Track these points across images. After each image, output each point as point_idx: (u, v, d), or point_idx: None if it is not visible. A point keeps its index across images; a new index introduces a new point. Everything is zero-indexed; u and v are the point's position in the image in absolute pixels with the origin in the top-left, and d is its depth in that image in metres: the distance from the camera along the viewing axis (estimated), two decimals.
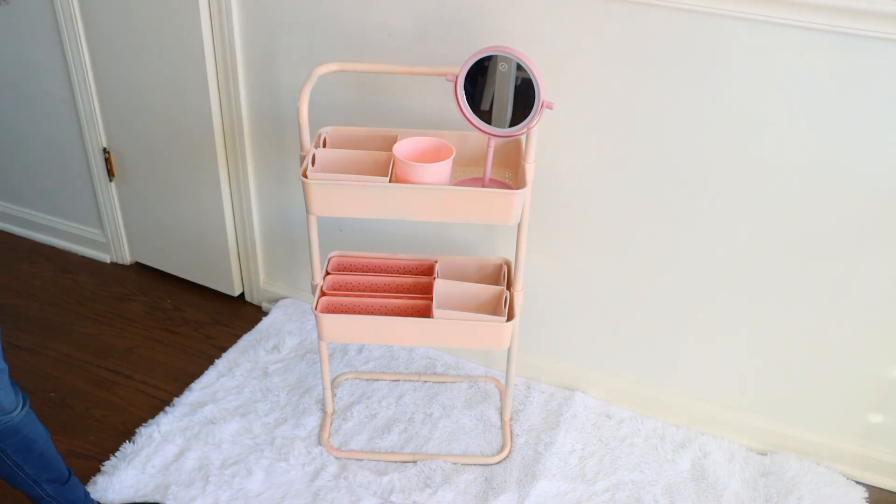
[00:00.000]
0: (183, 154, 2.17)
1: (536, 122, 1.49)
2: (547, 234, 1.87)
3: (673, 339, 1.89)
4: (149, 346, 2.21)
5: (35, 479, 1.48)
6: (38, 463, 1.47)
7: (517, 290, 1.74)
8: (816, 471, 1.85)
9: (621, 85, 1.62)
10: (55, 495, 1.52)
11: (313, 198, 1.56)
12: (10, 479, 1.47)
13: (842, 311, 1.71)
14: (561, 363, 2.04)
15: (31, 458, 1.45)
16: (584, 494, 1.78)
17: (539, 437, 1.91)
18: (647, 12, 1.53)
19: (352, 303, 1.76)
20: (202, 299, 2.40)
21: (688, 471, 1.85)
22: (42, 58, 2.23)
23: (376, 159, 1.62)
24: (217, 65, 1.99)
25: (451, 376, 2.08)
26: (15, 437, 1.40)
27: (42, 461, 1.47)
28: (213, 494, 1.75)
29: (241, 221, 2.24)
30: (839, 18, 1.40)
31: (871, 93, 1.46)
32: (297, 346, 2.17)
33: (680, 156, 1.66)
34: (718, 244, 1.73)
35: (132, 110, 2.19)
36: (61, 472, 1.54)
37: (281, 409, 1.97)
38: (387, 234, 2.05)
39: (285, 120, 2.01)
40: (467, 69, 1.49)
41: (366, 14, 1.76)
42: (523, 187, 1.56)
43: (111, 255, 2.55)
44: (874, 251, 1.62)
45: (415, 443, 1.90)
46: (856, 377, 1.77)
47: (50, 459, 1.49)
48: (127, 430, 1.93)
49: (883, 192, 1.55)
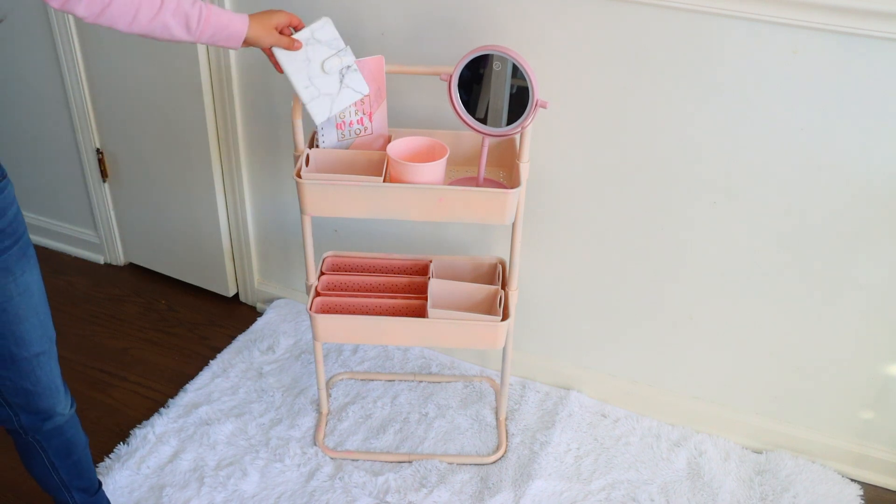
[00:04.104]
0: (177, 154, 2.17)
1: (531, 121, 1.49)
2: (541, 233, 1.87)
3: (668, 338, 1.89)
4: (143, 347, 2.21)
5: (67, 485, 1.47)
6: (74, 469, 1.46)
7: (512, 290, 1.74)
8: (811, 469, 1.85)
9: (615, 84, 1.62)
10: None
11: (307, 198, 1.56)
12: (44, 481, 1.46)
13: (836, 309, 1.71)
14: (556, 362, 2.04)
15: (69, 463, 1.45)
16: (579, 494, 1.78)
17: (534, 437, 1.91)
18: (640, 11, 1.53)
19: (346, 303, 1.76)
20: (196, 300, 2.39)
21: (683, 469, 1.85)
22: (35, 58, 2.22)
23: (370, 159, 1.62)
24: (210, 64, 1.99)
25: (446, 376, 2.08)
26: (59, 439, 1.40)
27: (78, 468, 1.47)
28: (207, 496, 1.74)
29: (236, 222, 2.23)
30: (833, 17, 1.40)
31: (866, 92, 1.46)
32: (291, 346, 2.17)
33: (674, 155, 1.66)
34: (713, 243, 1.73)
35: (125, 110, 2.18)
36: (92, 482, 1.54)
37: (276, 409, 1.96)
38: (381, 234, 2.05)
39: (279, 120, 2.01)
40: (461, 68, 1.49)
41: (359, 13, 1.76)
42: (518, 187, 1.56)
43: (105, 256, 2.54)
44: (868, 249, 1.62)
45: (410, 443, 1.89)
46: (850, 375, 1.77)
47: (85, 467, 1.49)
48: (121, 431, 1.92)
49: (876, 191, 1.55)
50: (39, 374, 1.30)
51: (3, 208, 1.18)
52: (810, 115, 1.52)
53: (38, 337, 1.28)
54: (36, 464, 1.43)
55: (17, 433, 1.37)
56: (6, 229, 1.18)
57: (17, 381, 1.29)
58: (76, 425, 1.44)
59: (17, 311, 1.23)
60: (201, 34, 1.29)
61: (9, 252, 1.19)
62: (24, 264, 1.22)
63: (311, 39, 1.44)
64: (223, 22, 1.30)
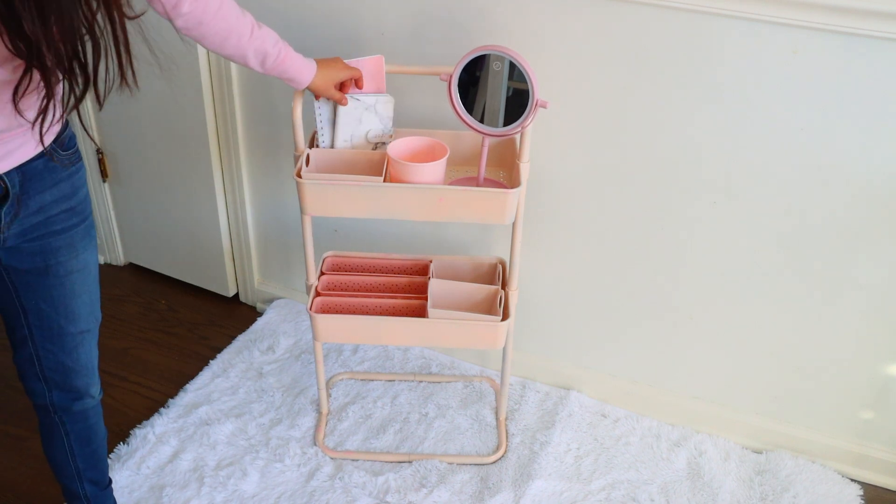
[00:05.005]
0: (177, 154, 2.17)
1: (530, 121, 1.49)
2: (542, 233, 1.87)
3: (668, 338, 1.89)
4: (143, 348, 2.21)
5: (81, 475, 1.50)
6: (91, 459, 1.50)
7: (512, 290, 1.74)
8: (811, 469, 1.85)
9: (615, 84, 1.62)
10: (91, 498, 1.54)
11: (307, 198, 1.56)
12: (60, 467, 1.49)
13: (836, 309, 1.71)
14: (556, 362, 2.04)
15: (87, 451, 1.48)
16: (579, 494, 1.78)
17: (534, 437, 1.91)
18: (640, 11, 1.53)
19: (346, 303, 1.76)
20: (196, 300, 2.39)
21: (683, 469, 1.85)
22: None
23: (370, 159, 1.62)
24: (210, 64, 1.99)
25: (446, 376, 2.08)
26: (83, 424, 1.44)
27: (94, 458, 1.50)
28: (207, 496, 1.74)
29: (236, 222, 2.23)
30: (833, 17, 1.40)
31: (866, 92, 1.46)
32: (291, 346, 2.17)
33: (674, 155, 1.66)
34: (713, 243, 1.73)
35: (125, 111, 2.18)
36: (104, 476, 1.57)
37: (276, 409, 1.96)
38: (381, 234, 2.05)
39: (279, 120, 2.01)
40: (461, 68, 1.49)
41: (359, 13, 1.76)
42: (518, 186, 1.56)
43: (105, 256, 2.54)
44: (868, 249, 1.62)
45: (410, 443, 1.89)
46: (850, 375, 1.77)
47: (101, 459, 1.53)
48: (121, 431, 1.92)
49: (876, 191, 1.55)
50: (80, 353, 1.35)
51: (76, 188, 1.23)
52: (810, 115, 1.52)
53: (86, 314, 1.32)
54: (57, 447, 1.46)
55: (45, 410, 1.40)
56: (76, 207, 1.24)
57: (59, 356, 1.33)
58: (100, 414, 1.48)
59: (74, 286, 1.28)
60: (270, 71, 1.43)
61: (76, 229, 1.24)
62: (87, 243, 1.28)
63: (371, 108, 1.58)
64: (295, 67, 1.45)
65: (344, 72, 1.52)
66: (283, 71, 1.44)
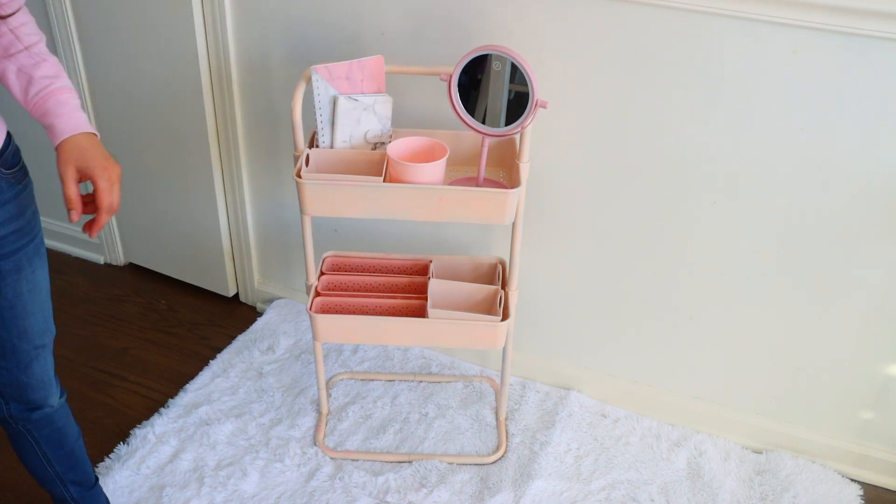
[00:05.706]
0: (176, 154, 2.17)
1: (530, 121, 1.49)
2: (541, 233, 1.87)
3: (668, 338, 1.89)
4: (143, 347, 2.21)
5: (62, 478, 1.48)
6: (67, 461, 1.47)
7: (512, 290, 1.74)
8: (811, 469, 1.85)
9: (615, 84, 1.62)
10: (78, 499, 1.52)
11: (307, 198, 1.56)
12: (39, 474, 1.47)
13: (836, 309, 1.71)
14: (556, 362, 2.04)
15: (61, 455, 1.45)
16: (579, 494, 1.78)
17: (534, 437, 1.91)
18: (640, 11, 1.53)
19: (346, 303, 1.76)
20: (196, 300, 2.39)
21: (683, 469, 1.85)
22: None
23: (370, 159, 1.61)
24: (210, 65, 1.99)
25: (446, 376, 2.08)
26: (49, 429, 1.41)
27: (71, 459, 1.48)
28: (207, 496, 1.74)
29: (236, 222, 2.23)
30: (833, 17, 1.40)
31: (866, 92, 1.46)
32: (291, 346, 2.17)
33: (674, 155, 1.66)
34: (713, 243, 1.73)
35: (125, 110, 2.18)
36: (88, 476, 1.54)
37: (276, 409, 1.96)
38: (381, 234, 2.05)
39: (279, 120, 2.01)
40: (461, 68, 1.49)
41: (359, 13, 1.76)
42: (518, 187, 1.56)
43: (105, 256, 2.54)
44: (868, 250, 1.62)
45: (410, 443, 1.89)
46: (850, 375, 1.77)
47: (78, 459, 1.50)
48: (121, 431, 1.92)
49: (876, 191, 1.55)
50: (35, 368, 1.32)
51: (23, 207, 1.20)
52: (810, 115, 1.52)
53: (40, 331, 1.30)
54: (29, 455, 1.43)
55: (6, 422, 1.39)
56: (24, 228, 1.21)
57: (13, 372, 1.31)
58: (67, 415, 1.44)
59: (26, 306, 1.25)
60: (34, 105, 1.25)
61: (24, 250, 1.21)
62: (37, 262, 1.25)
63: (370, 108, 1.57)
64: (66, 111, 1.23)
65: (92, 164, 1.27)
66: (49, 109, 1.25)
